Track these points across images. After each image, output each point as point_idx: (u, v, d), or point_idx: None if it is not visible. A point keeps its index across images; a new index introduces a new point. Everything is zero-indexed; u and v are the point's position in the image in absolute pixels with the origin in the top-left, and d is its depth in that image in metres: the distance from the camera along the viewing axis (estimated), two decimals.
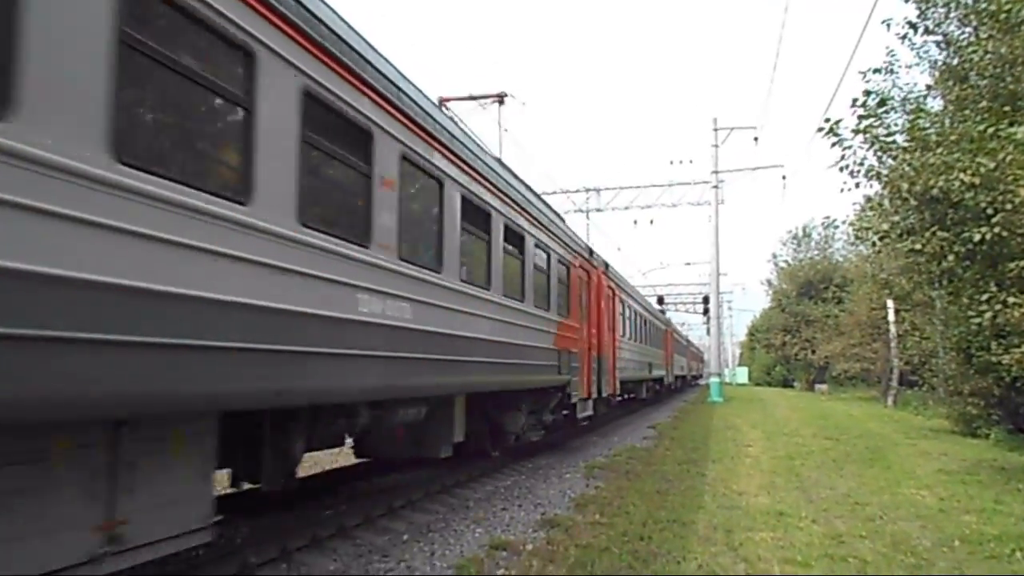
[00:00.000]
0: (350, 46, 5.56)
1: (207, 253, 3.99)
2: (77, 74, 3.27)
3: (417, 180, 6.93)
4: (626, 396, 22.24)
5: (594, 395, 14.62)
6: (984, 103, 11.23)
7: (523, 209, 10.16)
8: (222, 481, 5.79)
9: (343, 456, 12.29)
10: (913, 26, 13.57)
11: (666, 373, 32.22)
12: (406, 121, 6.49)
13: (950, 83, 13.08)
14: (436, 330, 6.94)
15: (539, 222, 10.99)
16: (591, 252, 15.44)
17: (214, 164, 4.41)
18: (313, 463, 11.82)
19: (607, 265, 17.57)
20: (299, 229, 4.83)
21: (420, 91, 7.15)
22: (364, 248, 5.70)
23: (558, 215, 13.54)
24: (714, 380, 33.90)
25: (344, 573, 5.70)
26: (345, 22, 5.68)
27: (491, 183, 8.82)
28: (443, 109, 11.56)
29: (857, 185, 12.60)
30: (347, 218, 5.79)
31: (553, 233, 11.85)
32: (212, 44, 4.20)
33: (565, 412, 12.84)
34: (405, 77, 6.82)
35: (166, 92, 4.00)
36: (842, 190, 13.08)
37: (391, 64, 6.53)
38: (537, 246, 10.78)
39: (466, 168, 7.96)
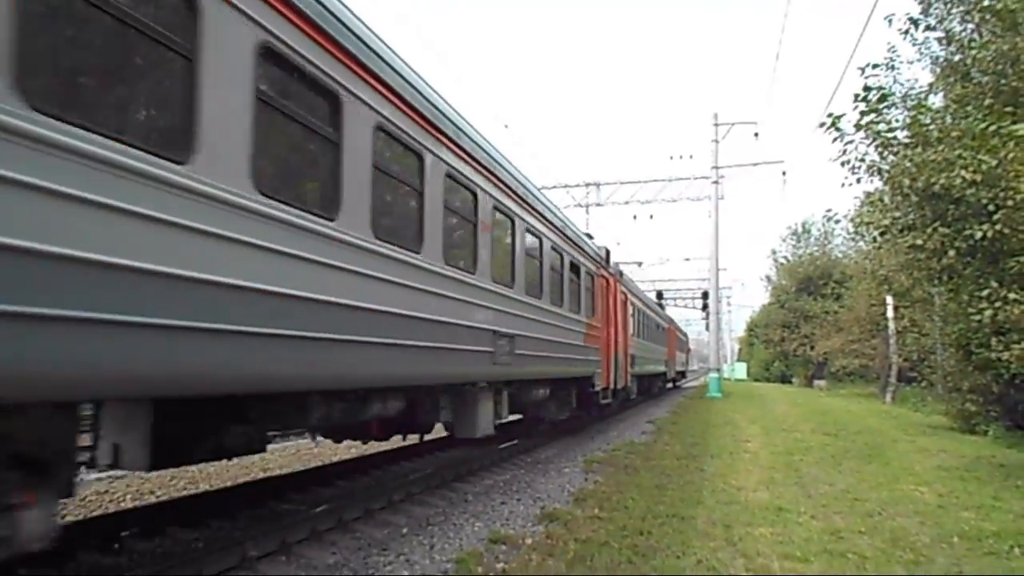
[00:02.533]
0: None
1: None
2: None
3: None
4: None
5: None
6: (986, 100, 11.21)
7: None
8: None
9: (341, 451, 12.32)
10: (915, 22, 13.56)
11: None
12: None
13: (952, 79, 13.07)
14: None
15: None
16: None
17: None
18: (312, 456, 11.85)
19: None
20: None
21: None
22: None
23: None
24: (713, 376, 33.88)
25: (343, 566, 5.71)
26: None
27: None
28: None
29: (858, 180, 12.62)
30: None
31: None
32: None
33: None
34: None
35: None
36: (843, 185, 13.07)
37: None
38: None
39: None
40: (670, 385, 37.88)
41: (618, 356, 17.68)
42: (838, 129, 12.08)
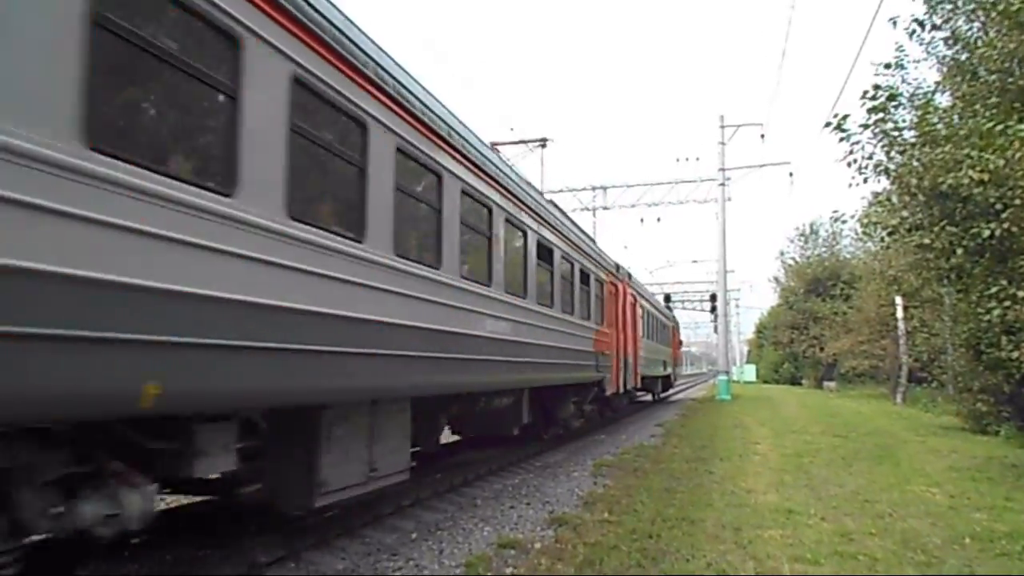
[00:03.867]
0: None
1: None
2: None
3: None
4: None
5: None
6: (993, 99, 11.17)
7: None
8: None
9: None
10: (920, 24, 13.51)
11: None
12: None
13: (958, 79, 13.01)
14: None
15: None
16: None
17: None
18: None
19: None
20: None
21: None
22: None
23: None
24: (722, 378, 33.78)
25: (353, 572, 5.71)
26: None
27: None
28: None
29: (865, 180, 12.59)
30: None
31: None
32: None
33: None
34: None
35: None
36: (850, 185, 13.02)
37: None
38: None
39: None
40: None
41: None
42: (844, 130, 12.06)
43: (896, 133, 11.81)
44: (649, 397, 28.99)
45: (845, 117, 12.11)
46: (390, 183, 6.10)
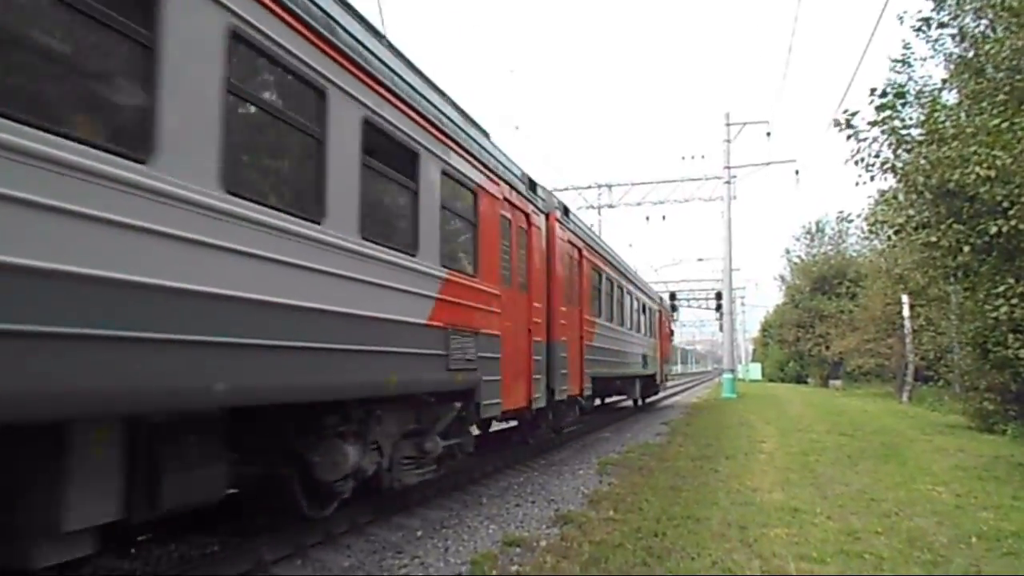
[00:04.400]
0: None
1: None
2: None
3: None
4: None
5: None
6: (1000, 96, 11.12)
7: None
8: None
9: None
10: (927, 21, 13.48)
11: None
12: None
13: (965, 76, 12.97)
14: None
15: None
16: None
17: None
18: None
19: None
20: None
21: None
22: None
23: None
24: (727, 376, 33.73)
25: (358, 569, 5.72)
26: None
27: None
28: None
29: (872, 178, 12.56)
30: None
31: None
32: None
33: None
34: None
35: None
36: (857, 184, 13.01)
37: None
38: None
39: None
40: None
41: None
42: (851, 126, 12.04)
43: (904, 131, 11.78)
44: (630, 403, 23.47)
45: (854, 114, 12.09)
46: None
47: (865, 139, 12.14)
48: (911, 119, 12.16)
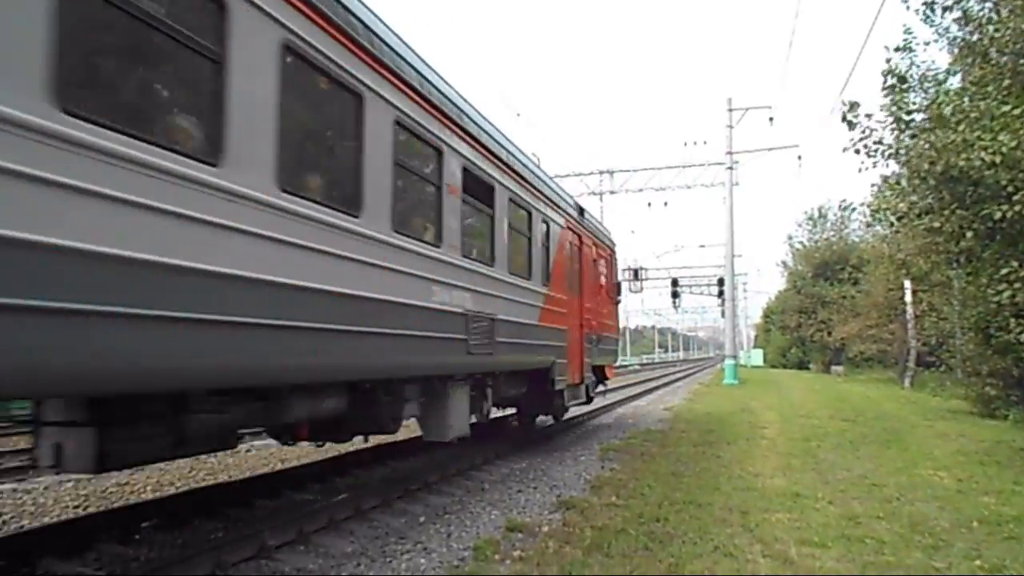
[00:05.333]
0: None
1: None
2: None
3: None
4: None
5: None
6: (1005, 81, 11.05)
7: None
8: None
9: (358, 441, 12.37)
10: (931, 5, 13.36)
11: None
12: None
13: (970, 60, 12.88)
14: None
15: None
16: (582, 211, 12.25)
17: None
18: (329, 447, 11.90)
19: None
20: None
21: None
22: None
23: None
24: (729, 362, 33.74)
25: (361, 555, 5.75)
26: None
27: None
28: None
29: (874, 165, 12.51)
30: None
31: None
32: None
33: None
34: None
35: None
36: (860, 170, 12.94)
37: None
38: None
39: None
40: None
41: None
42: (855, 113, 11.98)
43: (908, 116, 11.72)
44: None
45: (856, 105, 12.03)
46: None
47: (867, 127, 12.11)
48: (914, 104, 12.10)
